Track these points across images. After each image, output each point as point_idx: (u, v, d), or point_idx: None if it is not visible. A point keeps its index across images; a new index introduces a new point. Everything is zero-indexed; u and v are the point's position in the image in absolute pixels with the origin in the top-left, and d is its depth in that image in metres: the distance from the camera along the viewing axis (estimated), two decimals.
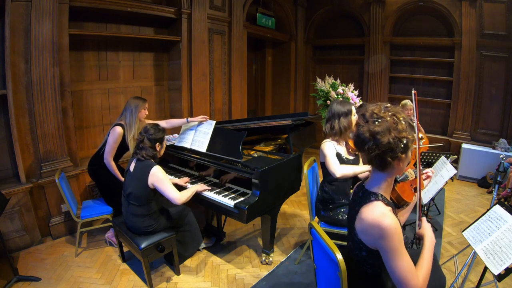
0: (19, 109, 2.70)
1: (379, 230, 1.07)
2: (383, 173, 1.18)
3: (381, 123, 1.10)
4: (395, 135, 1.08)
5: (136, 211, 2.19)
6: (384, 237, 1.06)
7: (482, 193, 4.26)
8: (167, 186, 2.13)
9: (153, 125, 2.25)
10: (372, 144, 1.10)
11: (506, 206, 1.74)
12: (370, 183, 1.22)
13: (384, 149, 1.08)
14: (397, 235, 1.06)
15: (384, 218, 1.07)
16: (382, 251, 1.09)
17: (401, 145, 1.08)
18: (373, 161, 1.15)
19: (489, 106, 4.80)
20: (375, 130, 1.09)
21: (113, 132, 2.57)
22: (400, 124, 1.10)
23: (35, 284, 2.30)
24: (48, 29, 2.72)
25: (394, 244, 1.05)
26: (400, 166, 1.14)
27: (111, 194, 2.74)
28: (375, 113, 1.13)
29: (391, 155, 1.09)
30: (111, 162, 2.63)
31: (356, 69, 6.14)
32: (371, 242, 1.13)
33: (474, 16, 4.63)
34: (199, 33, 4.09)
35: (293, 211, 3.64)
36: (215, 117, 4.54)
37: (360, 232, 1.17)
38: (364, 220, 1.13)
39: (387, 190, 1.20)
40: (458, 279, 2.15)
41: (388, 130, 1.08)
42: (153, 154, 2.19)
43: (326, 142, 2.20)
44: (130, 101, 2.65)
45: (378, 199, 1.14)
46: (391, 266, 1.07)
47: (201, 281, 2.38)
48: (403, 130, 1.09)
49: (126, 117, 2.60)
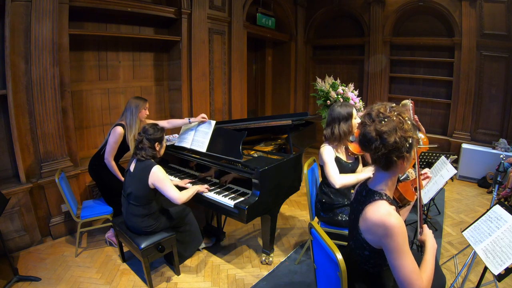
0: (19, 109, 2.70)
1: (384, 229, 1.07)
2: (386, 173, 1.18)
3: (388, 122, 1.10)
4: (401, 134, 1.09)
5: (136, 211, 2.18)
6: (389, 236, 1.06)
7: (482, 193, 4.27)
8: (167, 186, 2.13)
9: (151, 125, 2.24)
10: (379, 143, 1.10)
11: (506, 206, 1.74)
12: (373, 182, 1.23)
13: (391, 148, 1.09)
14: (402, 234, 1.06)
15: (389, 217, 1.07)
16: (386, 250, 1.10)
17: (407, 145, 1.09)
18: (378, 160, 1.15)
19: (489, 106, 4.80)
20: (382, 130, 1.10)
21: (114, 132, 2.57)
22: (406, 123, 1.11)
23: (35, 284, 2.30)
24: (48, 29, 2.72)
25: (399, 243, 1.06)
26: (404, 165, 1.15)
27: (111, 194, 2.75)
28: (381, 113, 1.13)
29: (397, 155, 1.10)
30: (112, 162, 2.63)
31: (356, 69, 6.14)
32: (376, 241, 1.14)
33: (474, 16, 4.63)
34: (199, 33, 4.09)
35: (293, 211, 3.64)
36: (215, 117, 4.54)
37: (364, 231, 1.17)
38: (369, 219, 1.13)
39: (390, 189, 1.21)
40: (458, 279, 2.15)
41: (395, 130, 1.09)
42: (153, 154, 2.19)
43: (325, 146, 2.17)
44: (131, 101, 2.65)
45: (382, 198, 1.15)
46: (395, 265, 1.07)
47: (201, 281, 2.38)
48: (408, 129, 1.10)
49: (127, 117, 2.61)
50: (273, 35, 5.80)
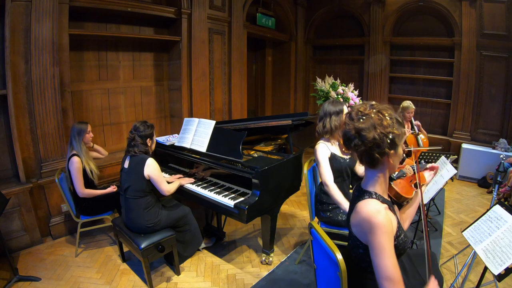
0: (19, 109, 2.70)
1: (369, 225, 1.09)
2: (374, 170, 1.20)
3: (366, 120, 1.12)
4: (381, 131, 1.10)
5: (135, 205, 2.21)
6: (373, 233, 1.07)
7: (482, 193, 4.26)
8: (161, 178, 2.29)
9: (141, 123, 2.34)
10: (358, 140, 1.13)
11: (506, 206, 1.74)
12: (365, 182, 1.25)
13: (370, 145, 1.11)
14: (387, 234, 1.07)
15: (377, 215, 1.09)
16: (370, 247, 1.11)
17: (387, 140, 1.10)
18: (362, 158, 1.18)
19: (489, 106, 4.80)
20: (360, 127, 1.12)
21: (72, 164, 2.49)
22: (385, 120, 1.11)
23: (35, 284, 2.30)
24: (48, 29, 2.72)
25: (382, 241, 1.06)
26: (391, 162, 1.15)
27: (115, 203, 2.70)
28: (360, 111, 1.16)
29: (378, 151, 1.11)
30: (87, 191, 2.55)
31: (356, 69, 6.14)
32: (363, 237, 1.15)
33: (474, 16, 4.63)
34: (199, 33, 4.09)
35: (293, 211, 3.64)
36: (215, 117, 4.54)
37: (354, 226, 1.20)
38: (359, 214, 1.15)
39: (382, 188, 1.22)
40: (458, 279, 2.15)
41: (373, 126, 1.10)
42: (145, 150, 2.30)
43: (320, 144, 2.21)
44: (73, 128, 2.58)
45: (371, 197, 1.16)
46: (376, 264, 1.08)
47: (201, 281, 2.38)
48: (388, 125, 1.11)
49: (75, 146, 2.55)
50: (273, 35, 5.80)
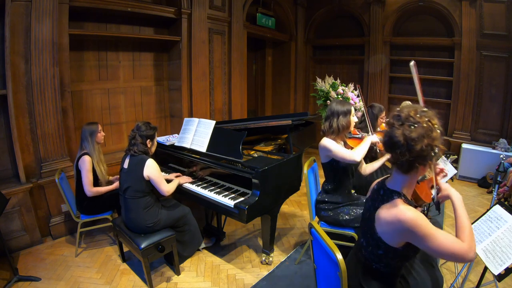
0: (19, 109, 2.70)
1: (403, 224, 1.07)
2: (406, 176, 1.17)
3: (417, 128, 1.07)
4: (429, 142, 1.06)
5: (135, 206, 2.21)
6: (413, 228, 1.06)
7: (482, 193, 4.26)
8: (160, 178, 2.28)
9: (144, 123, 2.35)
10: (405, 149, 1.08)
11: (506, 206, 1.74)
12: (392, 182, 1.21)
13: (416, 155, 1.07)
14: (423, 221, 1.06)
15: (405, 212, 1.07)
16: (416, 242, 1.09)
17: (432, 153, 1.07)
18: (400, 164, 1.13)
19: (489, 106, 4.80)
20: (410, 136, 1.06)
21: (83, 162, 2.50)
22: (435, 131, 1.08)
23: (35, 284, 2.30)
24: (48, 29, 2.72)
25: (425, 230, 1.05)
26: (425, 170, 1.14)
27: (111, 203, 2.70)
28: (412, 116, 1.09)
29: (420, 162, 1.08)
30: (95, 189, 2.55)
31: (356, 69, 6.14)
32: (393, 237, 1.13)
33: (474, 16, 4.62)
34: (199, 33, 4.09)
35: (293, 211, 3.64)
36: (215, 117, 4.54)
37: (381, 231, 1.16)
38: (387, 218, 1.12)
39: (409, 190, 1.20)
40: (458, 279, 2.15)
41: (423, 136, 1.06)
42: (145, 150, 2.30)
43: (325, 139, 2.18)
44: (84, 129, 2.59)
45: (400, 197, 1.14)
46: (433, 249, 1.06)
47: (201, 281, 2.38)
48: (436, 138, 1.07)
49: (86, 146, 2.56)
50: (273, 35, 5.80)
